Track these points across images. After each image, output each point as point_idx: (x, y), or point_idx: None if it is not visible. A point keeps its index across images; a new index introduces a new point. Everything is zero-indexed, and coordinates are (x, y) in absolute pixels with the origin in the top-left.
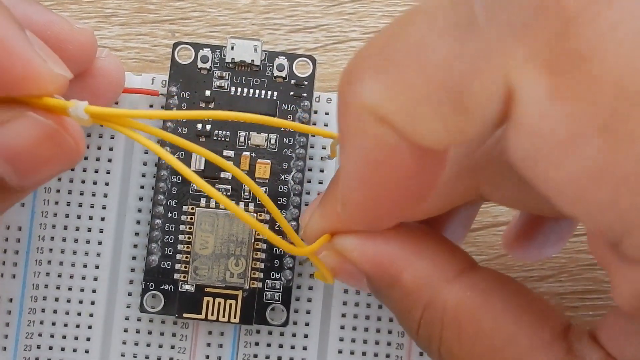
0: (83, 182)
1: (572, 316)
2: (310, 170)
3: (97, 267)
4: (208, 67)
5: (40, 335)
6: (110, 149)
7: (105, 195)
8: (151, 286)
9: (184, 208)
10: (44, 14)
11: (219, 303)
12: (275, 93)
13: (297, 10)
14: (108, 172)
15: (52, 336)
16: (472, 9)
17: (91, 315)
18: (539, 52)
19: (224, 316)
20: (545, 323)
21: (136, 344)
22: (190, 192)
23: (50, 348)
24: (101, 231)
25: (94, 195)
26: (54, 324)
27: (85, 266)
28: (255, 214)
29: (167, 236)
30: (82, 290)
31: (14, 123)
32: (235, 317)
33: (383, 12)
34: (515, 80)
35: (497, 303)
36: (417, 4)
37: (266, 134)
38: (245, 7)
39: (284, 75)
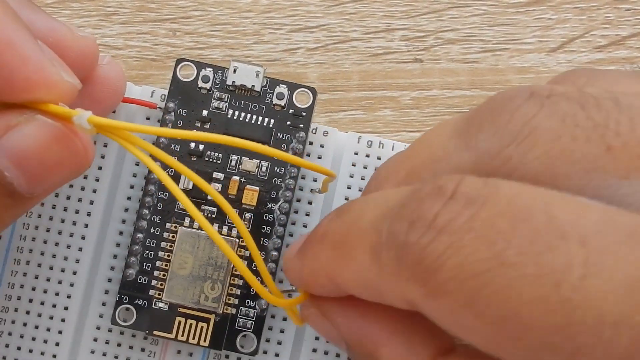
0: (71, 186)
1: None
2: (298, 201)
3: (74, 273)
4: (208, 87)
5: (10, 334)
6: (102, 157)
7: (92, 203)
8: (125, 299)
9: (167, 225)
10: (46, 21)
11: (191, 324)
12: (272, 121)
13: (298, 9)
14: (97, 180)
15: (21, 336)
16: (380, 240)
17: (63, 321)
18: (412, 275)
19: (194, 338)
20: None
21: (104, 354)
22: (176, 210)
23: (19, 348)
24: (83, 238)
25: (80, 201)
26: (25, 324)
27: (63, 271)
28: (238, 240)
29: (147, 251)
30: (57, 294)
31: (24, 126)
32: (205, 341)
33: (384, 12)
34: (407, 295)
35: None
36: (361, 214)
37: (258, 161)
38: (247, 7)
39: (282, 104)
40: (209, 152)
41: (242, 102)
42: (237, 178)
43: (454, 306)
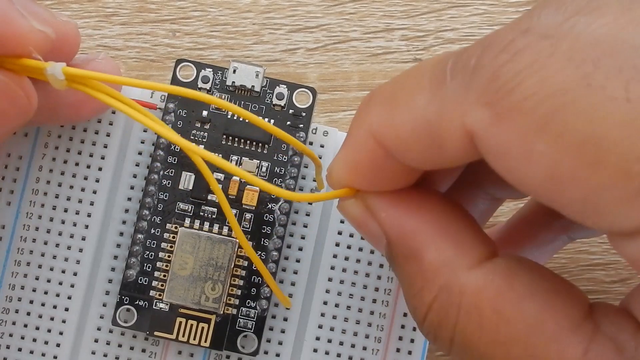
0: (71, 187)
1: None
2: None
3: (75, 274)
4: (208, 88)
5: (10, 335)
6: (102, 158)
7: (92, 204)
8: (126, 300)
9: (168, 226)
10: (27, 4)
11: (191, 325)
12: (272, 121)
13: (298, 10)
14: (97, 181)
15: (22, 338)
16: (444, 70)
17: (64, 322)
18: (480, 96)
19: (194, 339)
20: (571, 305)
21: (105, 355)
22: (176, 210)
23: (20, 350)
24: (83, 239)
25: (80, 202)
26: (25, 325)
27: (63, 272)
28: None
29: (148, 252)
30: (57, 295)
31: None
32: (205, 341)
33: (384, 12)
34: (469, 120)
35: (522, 288)
36: (418, 65)
37: (258, 161)
38: (246, 7)
39: (282, 104)
40: (210, 151)
41: (242, 102)
42: (237, 179)
43: (527, 128)
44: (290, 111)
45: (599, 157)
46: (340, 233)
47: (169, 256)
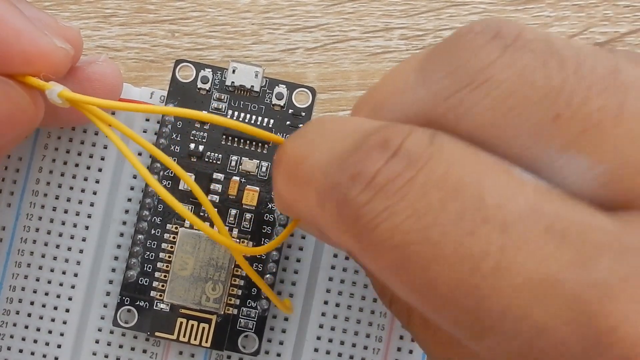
0: (71, 188)
1: None
2: None
3: (75, 275)
4: (207, 88)
5: (12, 337)
6: (102, 159)
7: (92, 205)
8: (127, 301)
9: (168, 226)
10: (30, 10)
11: (192, 325)
12: (272, 121)
13: (297, 9)
14: (97, 182)
15: (23, 339)
16: (327, 187)
17: (65, 323)
18: (349, 230)
19: (195, 339)
20: None
21: (106, 356)
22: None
23: (21, 351)
24: (84, 240)
25: (80, 202)
26: (26, 327)
27: (64, 273)
28: (238, 240)
29: (148, 253)
30: (58, 296)
31: None
32: (206, 342)
33: (383, 11)
34: (344, 243)
35: None
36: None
37: (258, 161)
38: (245, 7)
39: (282, 104)
40: (209, 152)
41: (242, 102)
42: (237, 179)
43: (383, 267)
44: (290, 111)
45: (436, 306)
46: None
47: (169, 257)
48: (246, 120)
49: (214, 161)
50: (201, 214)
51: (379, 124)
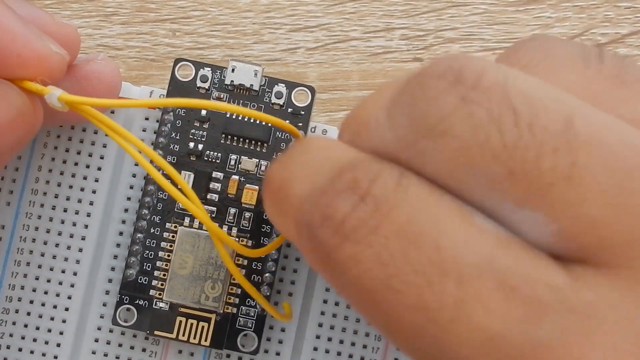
0: (70, 187)
1: None
2: None
3: (75, 274)
4: (207, 87)
5: (11, 335)
6: (101, 157)
7: (91, 203)
8: (126, 300)
9: (167, 225)
10: (28, 8)
11: (192, 324)
12: None
13: (298, 9)
14: (96, 180)
15: (22, 338)
16: (302, 220)
17: (64, 322)
18: (323, 268)
19: (194, 338)
20: None
21: (105, 355)
22: (175, 209)
23: (20, 350)
24: (83, 238)
25: (79, 201)
26: (26, 325)
27: (63, 272)
28: (237, 239)
29: (147, 251)
30: (57, 295)
31: None
32: (206, 340)
33: (384, 12)
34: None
35: None
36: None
37: (257, 160)
38: (246, 6)
39: (281, 103)
40: (208, 151)
41: (241, 101)
42: (237, 177)
43: (352, 303)
44: (289, 110)
45: (400, 347)
46: None
47: (168, 255)
48: (245, 120)
49: (213, 160)
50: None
51: (353, 157)
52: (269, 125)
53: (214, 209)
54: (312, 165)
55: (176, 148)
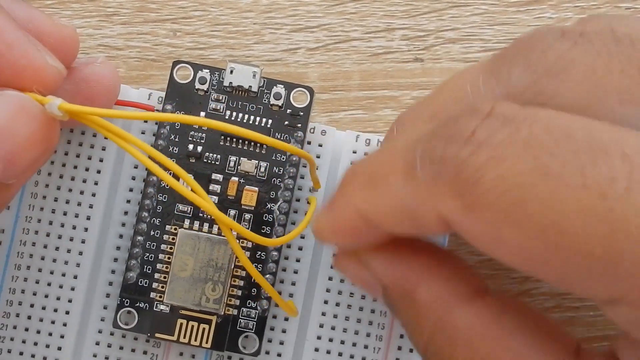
0: (70, 190)
1: (573, 317)
2: (297, 200)
3: (75, 277)
4: (205, 89)
5: (12, 339)
6: (100, 160)
7: (91, 206)
8: (127, 302)
9: (167, 228)
10: (26, 9)
11: (192, 326)
12: (270, 121)
13: (299, 9)
14: (96, 183)
15: (23, 342)
16: (414, 158)
17: (65, 325)
18: (448, 188)
19: (195, 340)
20: (556, 345)
21: (107, 357)
22: (175, 212)
23: (21, 354)
24: (83, 242)
25: (79, 204)
26: (26, 329)
27: (63, 275)
28: (238, 241)
29: (148, 254)
30: (58, 298)
31: None
32: (207, 342)
33: (384, 12)
34: (442, 209)
35: (510, 325)
36: (391, 145)
37: (256, 161)
38: (247, 7)
39: (280, 104)
40: (208, 153)
41: (240, 102)
42: (236, 179)
43: (493, 218)
44: (288, 111)
45: (562, 243)
46: None
47: (168, 258)
48: (244, 121)
49: (213, 162)
50: (200, 214)
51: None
52: (268, 126)
53: (217, 210)
54: (407, 133)
55: (175, 150)
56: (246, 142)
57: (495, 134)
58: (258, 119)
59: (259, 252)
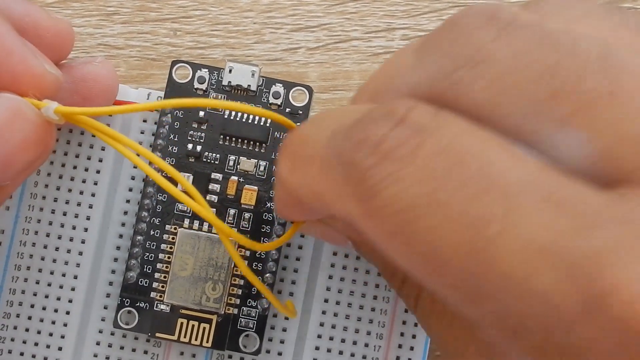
0: (69, 190)
1: None
2: None
3: (75, 277)
4: (204, 88)
5: (12, 340)
6: (100, 160)
7: (91, 207)
8: (127, 302)
9: (167, 227)
10: (22, 3)
11: (193, 325)
12: (269, 120)
13: (299, 9)
14: (95, 183)
15: (24, 342)
16: (331, 155)
17: (65, 325)
18: (353, 192)
19: (196, 339)
20: None
21: (107, 357)
22: (175, 211)
23: (22, 354)
24: (83, 242)
25: (79, 205)
26: (27, 330)
27: (64, 275)
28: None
29: (148, 254)
30: (58, 299)
31: None
32: (207, 342)
33: (385, 12)
34: (346, 208)
35: None
36: (325, 124)
37: (256, 160)
38: (247, 6)
39: (279, 103)
40: (207, 152)
41: (239, 101)
42: (236, 178)
43: (386, 231)
44: (287, 110)
45: (439, 269)
46: None
47: (168, 257)
48: (243, 120)
49: (212, 161)
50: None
51: (382, 103)
52: (267, 125)
53: (214, 210)
54: (337, 115)
55: (175, 150)
56: (245, 141)
57: (400, 148)
58: (257, 118)
59: (258, 252)
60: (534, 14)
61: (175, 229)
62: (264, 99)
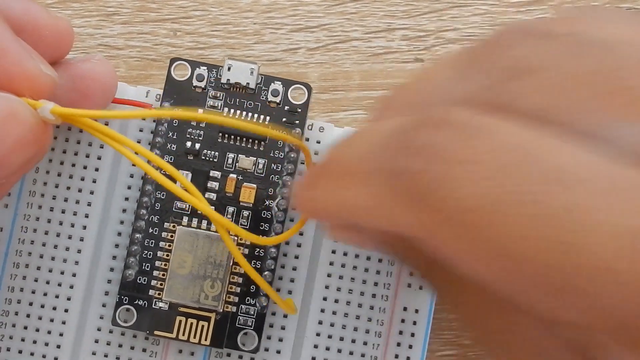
0: (68, 188)
1: None
2: None
3: (74, 275)
4: (203, 86)
5: (11, 337)
6: (99, 158)
7: (89, 204)
8: (125, 300)
9: (166, 225)
10: (21, 1)
11: (191, 323)
12: (268, 118)
13: (299, 9)
14: (94, 181)
15: (22, 340)
16: (373, 167)
17: (63, 323)
18: (403, 201)
19: (194, 337)
20: None
21: (106, 355)
22: (173, 209)
23: (20, 352)
24: (81, 239)
25: (77, 202)
26: (25, 327)
27: (62, 273)
28: (236, 237)
29: (146, 252)
30: (57, 296)
31: None
32: (206, 339)
33: (385, 12)
34: (397, 221)
35: None
36: (363, 141)
37: (255, 158)
38: (247, 6)
39: (277, 101)
40: (206, 150)
41: (237, 99)
42: (234, 176)
43: (446, 236)
44: (286, 107)
45: (513, 268)
46: None
47: (167, 255)
48: (242, 118)
49: (211, 159)
50: (198, 211)
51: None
52: (266, 123)
53: (212, 207)
54: (373, 131)
55: (173, 147)
56: (244, 139)
57: (447, 147)
58: (256, 115)
59: (257, 249)
60: (565, 25)
61: (173, 226)
62: (262, 97)
